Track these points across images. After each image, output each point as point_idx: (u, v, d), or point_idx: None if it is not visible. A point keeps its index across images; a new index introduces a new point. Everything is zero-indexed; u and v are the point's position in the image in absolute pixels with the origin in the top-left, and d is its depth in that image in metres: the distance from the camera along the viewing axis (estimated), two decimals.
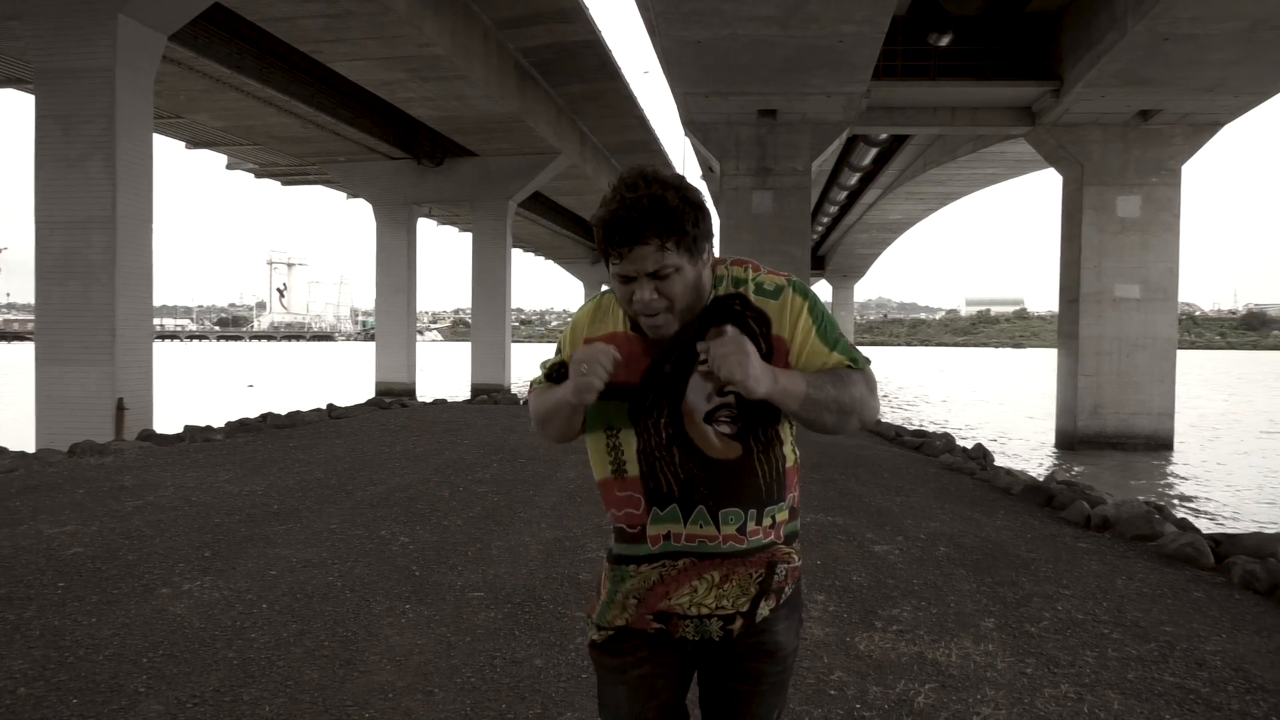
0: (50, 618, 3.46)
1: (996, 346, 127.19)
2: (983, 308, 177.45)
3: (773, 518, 1.51)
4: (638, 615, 1.52)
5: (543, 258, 57.02)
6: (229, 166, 28.25)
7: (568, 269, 60.80)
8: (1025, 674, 3.15)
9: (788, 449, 1.54)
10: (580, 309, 1.64)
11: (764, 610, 1.51)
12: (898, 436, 11.62)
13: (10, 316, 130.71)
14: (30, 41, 11.18)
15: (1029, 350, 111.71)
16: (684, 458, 1.47)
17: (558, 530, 5.20)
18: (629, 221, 1.37)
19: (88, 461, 7.36)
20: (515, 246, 39.23)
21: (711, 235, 1.48)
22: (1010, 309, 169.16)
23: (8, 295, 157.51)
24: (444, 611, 3.69)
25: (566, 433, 1.57)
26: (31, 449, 8.98)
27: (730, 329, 1.37)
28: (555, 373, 1.59)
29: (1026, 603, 4.00)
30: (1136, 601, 4.07)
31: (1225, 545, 5.19)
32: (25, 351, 62.93)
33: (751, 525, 1.49)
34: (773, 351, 1.46)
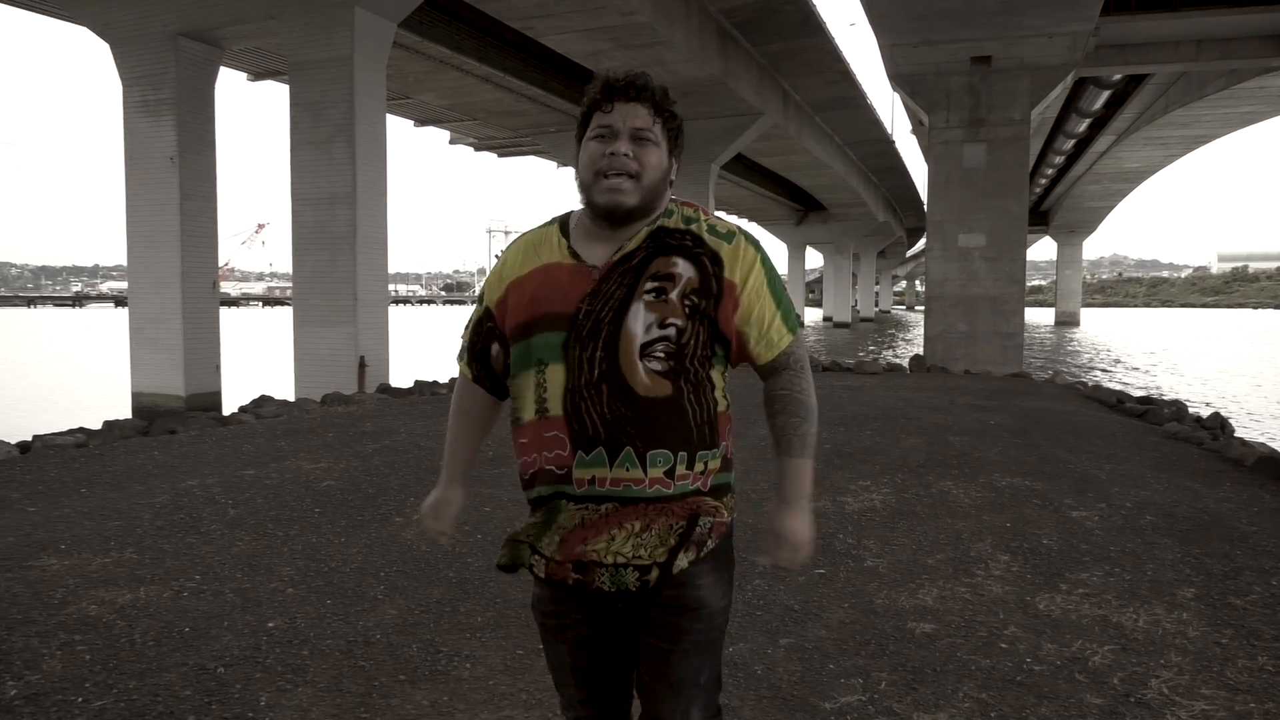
0: (309, 536, 4.10)
1: (1254, 307, 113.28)
2: (1239, 264, 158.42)
3: (704, 464, 1.44)
4: (561, 554, 1.45)
5: (745, 220, 56.88)
6: (451, 142, 30.26)
7: (771, 231, 60.23)
8: (1219, 644, 3.03)
9: (719, 394, 1.48)
10: (511, 244, 1.58)
11: (682, 562, 1.42)
12: (1120, 403, 10.84)
13: (274, 285, 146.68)
14: (284, 37, 12.56)
15: None
16: (612, 396, 1.39)
17: (744, 482, 5.41)
18: (632, 82, 1.45)
19: (336, 410, 8.39)
20: (718, 210, 39.42)
21: (681, 156, 1.56)
22: (1274, 265, 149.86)
23: (270, 265, 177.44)
24: None
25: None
26: (291, 398, 10.29)
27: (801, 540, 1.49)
28: (473, 345, 1.59)
29: (1236, 575, 3.78)
30: None
31: None
32: (284, 314, 70.73)
33: (681, 469, 1.42)
34: (723, 294, 1.43)
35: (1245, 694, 2.66)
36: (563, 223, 1.53)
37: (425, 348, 33.89)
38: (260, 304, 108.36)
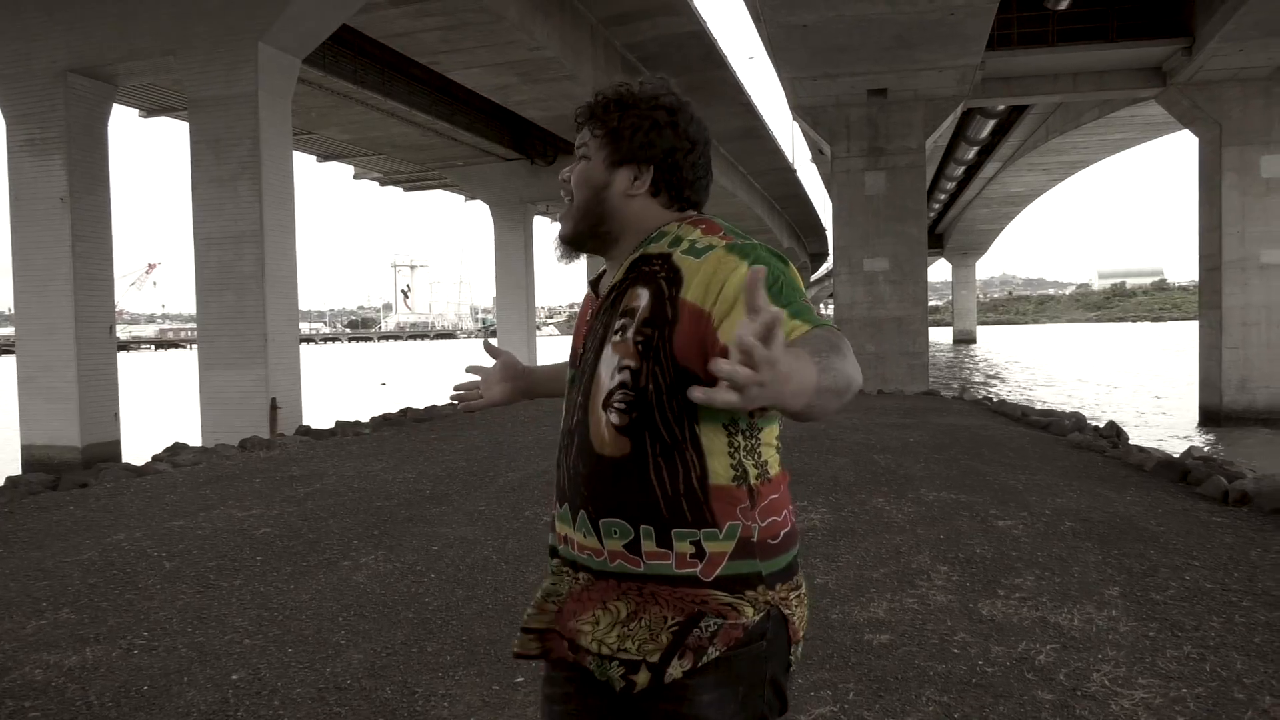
0: (256, 585, 4.00)
1: (1134, 321, 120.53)
2: (1117, 280, 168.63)
3: (696, 545, 1.16)
4: (558, 625, 1.25)
5: None
6: (356, 176, 29.81)
7: None
8: (1148, 637, 3.25)
9: (715, 462, 1.16)
10: None
11: (675, 670, 1.15)
12: (1024, 416, 11.41)
13: (166, 326, 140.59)
14: (183, 74, 12.23)
15: (1170, 323, 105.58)
16: (578, 449, 1.24)
17: None
18: (584, 106, 1.30)
19: (258, 455, 8.14)
20: None
21: (657, 156, 1.24)
22: (1148, 280, 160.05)
23: (163, 306, 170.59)
24: None
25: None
26: (197, 443, 9.92)
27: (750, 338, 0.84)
28: None
29: (1153, 573, 4.05)
30: (1270, 572, 4.05)
31: None
32: (179, 358, 67.87)
33: (649, 545, 1.16)
34: (677, 319, 1.14)
35: (1177, 681, 2.88)
36: None
37: (336, 387, 33.01)
38: (152, 347, 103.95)
